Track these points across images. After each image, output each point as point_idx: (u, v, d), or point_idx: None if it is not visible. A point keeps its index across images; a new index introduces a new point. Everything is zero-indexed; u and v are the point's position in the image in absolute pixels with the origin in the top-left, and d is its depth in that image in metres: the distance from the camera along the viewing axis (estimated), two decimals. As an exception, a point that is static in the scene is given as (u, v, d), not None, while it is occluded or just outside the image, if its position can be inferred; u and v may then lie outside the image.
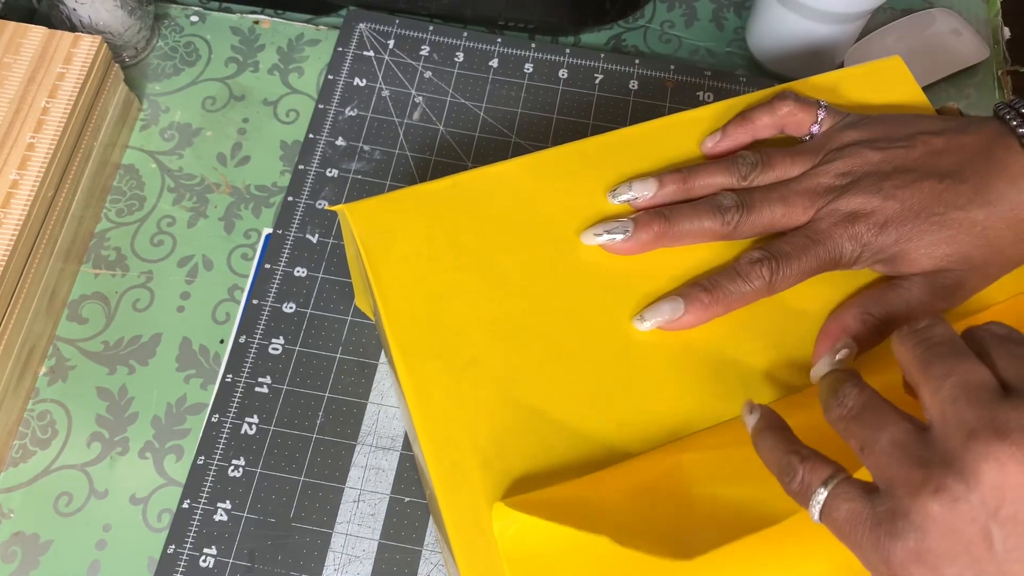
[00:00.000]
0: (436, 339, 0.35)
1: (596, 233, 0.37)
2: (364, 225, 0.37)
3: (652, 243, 0.36)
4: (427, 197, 0.38)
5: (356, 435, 0.44)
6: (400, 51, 0.54)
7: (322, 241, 0.48)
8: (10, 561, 0.42)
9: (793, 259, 0.35)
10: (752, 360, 0.35)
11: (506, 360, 0.34)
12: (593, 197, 0.38)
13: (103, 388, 0.45)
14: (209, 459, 0.43)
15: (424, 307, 0.35)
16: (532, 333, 0.35)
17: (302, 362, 0.45)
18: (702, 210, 0.36)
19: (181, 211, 0.50)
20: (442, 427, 0.33)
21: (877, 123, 0.38)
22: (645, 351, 0.35)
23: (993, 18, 0.57)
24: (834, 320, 0.35)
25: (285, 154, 0.51)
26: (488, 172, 0.38)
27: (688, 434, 0.33)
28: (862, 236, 0.35)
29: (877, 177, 0.35)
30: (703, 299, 0.35)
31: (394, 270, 0.36)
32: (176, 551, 0.42)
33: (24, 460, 0.44)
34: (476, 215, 0.37)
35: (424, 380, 0.34)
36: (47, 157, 0.44)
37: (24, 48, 0.46)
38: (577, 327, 0.35)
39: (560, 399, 0.34)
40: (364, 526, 0.42)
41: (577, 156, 0.39)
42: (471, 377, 0.34)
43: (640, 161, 0.39)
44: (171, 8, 0.55)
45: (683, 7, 0.57)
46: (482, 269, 0.36)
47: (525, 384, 0.34)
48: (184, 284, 0.48)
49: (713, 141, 0.39)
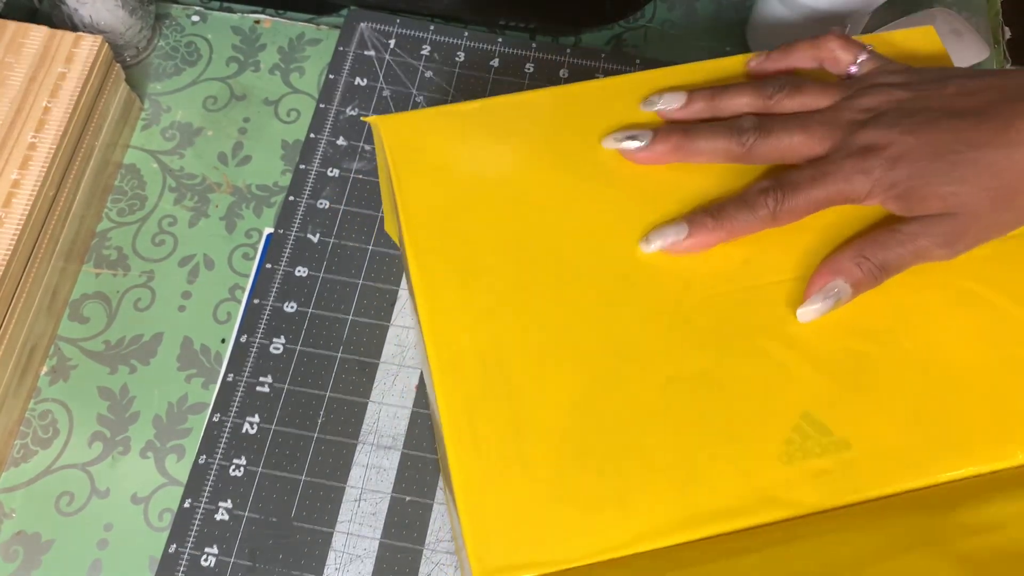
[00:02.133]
0: (451, 247, 0.35)
1: (616, 138, 0.37)
2: (394, 137, 0.38)
3: (668, 155, 0.37)
4: (456, 117, 0.38)
5: (357, 434, 0.44)
6: (401, 51, 0.54)
7: (323, 241, 0.48)
8: (12, 560, 0.42)
9: (801, 190, 0.35)
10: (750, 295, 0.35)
11: (515, 273, 0.35)
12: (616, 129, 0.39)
13: (104, 387, 0.45)
14: (210, 458, 0.43)
15: (443, 217, 0.36)
16: (543, 251, 0.36)
17: (303, 361, 0.45)
18: (719, 129, 0.37)
19: (182, 211, 0.50)
20: (446, 326, 0.34)
21: (916, 71, 0.37)
22: (649, 274, 0.35)
23: (993, 18, 0.57)
24: (829, 262, 0.34)
25: (286, 154, 0.51)
26: (517, 99, 0.39)
27: None
28: (874, 170, 0.34)
29: (899, 114, 0.35)
30: (707, 224, 0.35)
31: (418, 182, 0.37)
32: (177, 550, 0.42)
33: (25, 460, 0.44)
34: (501, 137, 0.38)
35: (435, 282, 0.35)
36: (48, 157, 0.44)
37: (25, 48, 0.46)
38: (587, 249, 0.36)
39: (561, 313, 0.34)
40: (365, 525, 0.42)
41: (606, 90, 0.39)
42: (480, 285, 0.35)
43: None
44: (172, 8, 0.55)
45: (683, 7, 0.57)
46: (502, 187, 0.37)
47: (530, 296, 0.35)
48: (185, 284, 0.48)
49: (756, 61, 0.40)
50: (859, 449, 0.32)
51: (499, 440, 0.32)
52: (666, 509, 0.31)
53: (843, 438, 0.32)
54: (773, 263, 0.36)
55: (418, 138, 0.38)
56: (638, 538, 0.30)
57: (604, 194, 0.37)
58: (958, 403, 0.33)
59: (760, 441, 0.32)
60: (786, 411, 0.33)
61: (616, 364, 0.33)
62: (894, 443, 0.32)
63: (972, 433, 0.33)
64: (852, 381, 0.33)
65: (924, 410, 0.33)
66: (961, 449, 0.32)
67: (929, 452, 0.32)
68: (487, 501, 0.31)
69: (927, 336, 0.34)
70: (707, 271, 0.35)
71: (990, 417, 0.33)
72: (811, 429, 0.32)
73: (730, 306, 0.35)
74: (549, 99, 0.39)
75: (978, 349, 0.34)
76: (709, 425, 0.32)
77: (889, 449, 0.32)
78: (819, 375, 0.33)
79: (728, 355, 0.34)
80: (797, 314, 0.34)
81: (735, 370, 0.33)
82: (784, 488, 0.31)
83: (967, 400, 0.33)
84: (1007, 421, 0.33)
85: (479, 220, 0.36)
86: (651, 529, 0.31)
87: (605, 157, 0.38)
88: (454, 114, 0.39)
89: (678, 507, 0.31)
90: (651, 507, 0.31)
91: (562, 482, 0.31)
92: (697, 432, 0.32)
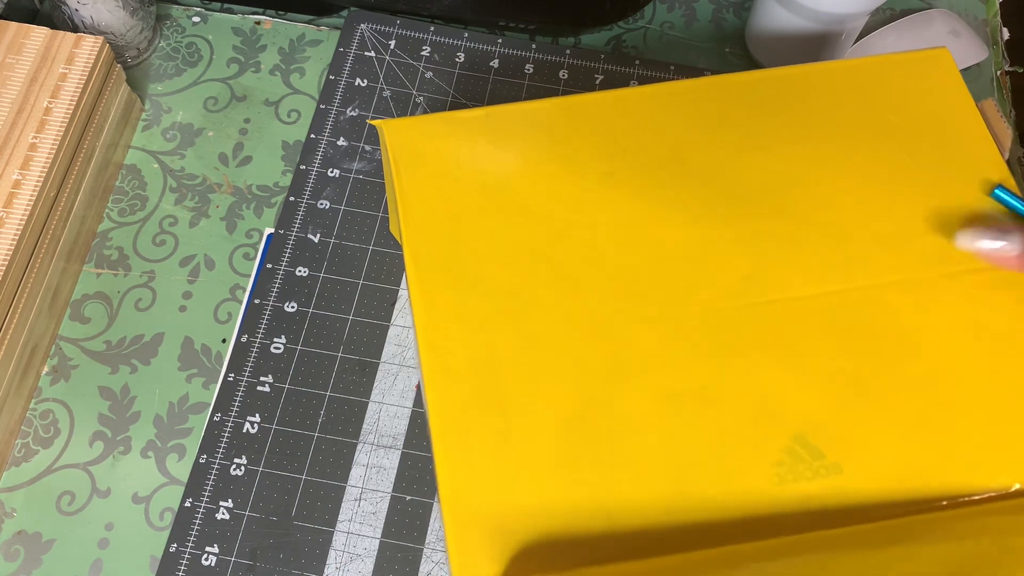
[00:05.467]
0: (450, 253, 0.36)
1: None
2: (398, 141, 0.38)
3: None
4: (461, 123, 0.39)
5: (358, 434, 0.44)
6: (401, 51, 0.54)
7: (324, 241, 0.48)
8: (13, 560, 0.42)
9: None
10: None
11: (512, 282, 0.35)
12: (622, 144, 0.38)
13: (105, 387, 0.45)
14: (211, 458, 0.43)
15: (443, 223, 0.36)
16: (541, 261, 0.36)
17: (304, 361, 0.46)
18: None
19: (183, 211, 0.50)
20: (441, 333, 0.34)
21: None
22: (648, 287, 0.35)
23: (992, 19, 0.57)
24: None
25: (287, 154, 0.52)
26: (522, 108, 0.39)
27: None
28: None
29: None
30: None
31: (420, 187, 0.37)
32: (178, 550, 0.42)
33: (26, 459, 0.44)
34: (505, 146, 0.38)
35: (431, 289, 0.35)
36: (49, 157, 0.44)
37: (26, 49, 0.46)
38: (586, 261, 0.36)
39: (558, 324, 0.34)
40: (366, 524, 0.42)
41: (612, 104, 0.39)
42: (477, 293, 0.35)
43: (677, 114, 0.39)
44: (173, 9, 0.56)
45: (683, 8, 0.57)
46: (503, 196, 0.37)
47: (527, 306, 0.35)
48: (186, 284, 0.48)
49: None
50: (851, 474, 0.32)
51: (488, 449, 0.32)
52: (653, 524, 0.31)
53: (835, 462, 0.32)
54: (775, 280, 0.35)
55: (422, 144, 0.38)
56: (622, 551, 0.30)
57: (604, 206, 0.37)
58: (958, 428, 0.33)
59: (751, 460, 0.32)
60: (779, 432, 0.32)
61: (610, 377, 0.33)
62: (887, 468, 0.32)
63: (970, 458, 0.32)
64: (849, 403, 0.33)
65: (921, 434, 0.33)
66: (957, 474, 0.32)
67: (923, 477, 0.32)
68: (473, 509, 0.31)
69: (929, 360, 0.34)
70: (708, 286, 0.35)
71: (990, 442, 0.33)
72: (804, 452, 0.32)
73: (729, 322, 0.34)
74: (554, 109, 0.39)
75: (981, 375, 0.34)
76: (700, 442, 0.32)
77: (882, 474, 0.32)
78: (815, 396, 0.33)
79: (724, 372, 0.33)
80: (956, 236, 0.35)
81: (730, 387, 0.33)
82: (772, 510, 0.31)
83: (967, 425, 0.33)
84: (1007, 447, 0.33)
85: (479, 228, 0.36)
86: (636, 543, 0.30)
87: (606, 169, 0.38)
88: (459, 121, 0.39)
89: (665, 523, 0.31)
90: (638, 521, 0.31)
91: (549, 493, 0.31)
92: (688, 449, 0.32)
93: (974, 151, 0.38)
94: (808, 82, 0.40)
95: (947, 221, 0.37)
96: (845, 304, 0.35)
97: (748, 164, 0.38)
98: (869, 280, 0.35)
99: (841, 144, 0.39)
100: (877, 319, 0.34)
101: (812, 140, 0.39)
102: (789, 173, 0.38)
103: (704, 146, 0.38)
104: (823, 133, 0.39)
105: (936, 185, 0.38)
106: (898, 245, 0.36)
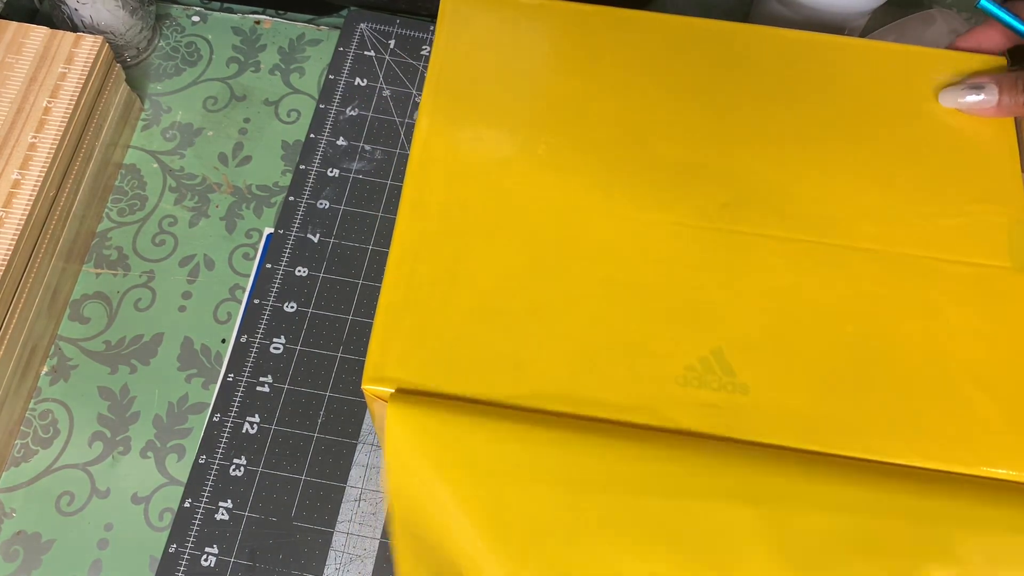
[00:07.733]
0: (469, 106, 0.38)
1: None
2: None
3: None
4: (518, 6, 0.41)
5: (357, 434, 0.44)
6: (401, 51, 0.54)
7: (323, 241, 0.48)
8: (12, 560, 0.42)
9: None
10: None
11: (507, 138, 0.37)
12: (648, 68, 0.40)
13: (105, 387, 0.45)
14: (211, 458, 0.43)
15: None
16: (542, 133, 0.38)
17: (303, 361, 0.45)
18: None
19: (183, 211, 0.50)
20: (427, 174, 0.36)
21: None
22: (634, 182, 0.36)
23: (993, 18, 0.57)
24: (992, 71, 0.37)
25: (286, 154, 0.52)
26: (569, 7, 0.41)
27: None
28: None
29: None
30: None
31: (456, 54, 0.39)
32: (178, 550, 0.42)
33: (26, 459, 0.44)
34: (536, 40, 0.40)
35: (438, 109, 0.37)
36: (49, 157, 0.44)
37: (26, 48, 0.46)
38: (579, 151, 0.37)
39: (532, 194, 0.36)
40: (365, 525, 0.42)
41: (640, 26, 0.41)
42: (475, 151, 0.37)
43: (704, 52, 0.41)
44: (172, 8, 0.55)
45: (682, 9, 0.57)
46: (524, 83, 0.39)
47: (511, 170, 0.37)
48: (186, 284, 0.48)
49: None
50: (755, 397, 0.32)
51: (433, 279, 0.34)
52: (554, 382, 0.32)
53: (743, 383, 0.33)
54: (750, 216, 0.36)
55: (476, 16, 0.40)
56: (517, 397, 0.32)
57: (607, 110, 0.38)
58: (874, 399, 0.33)
59: (665, 356, 0.33)
60: (701, 340, 0.33)
61: (563, 254, 0.35)
62: (792, 406, 0.32)
63: (879, 430, 0.32)
64: (780, 341, 0.34)
65: (839, 389, 0.33)
66: (858, 439, 0.32)
67: (824, 429, 0.32)
68: (401, 322, 0.33)
69: (869, 329, 0.34)
70: (685, 203, 0.36)
71: (907, 418, 0.33)
72: (716, 365, 0.33)
73: (691, 239, 0.35)
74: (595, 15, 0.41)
75: (921, 352, 0.34)
76: (623, 328, 0.34)
77: (785, 409, 0.32)
78: (749, 321, 0.34)
79: (670, 278, 0.34)
80: (939, 95, 0.37)
81: (669, 291, 0.34)
82: (666, 404, 0.32)
83: (883, 399, 0.33)
84: (922, 423, 0.33)
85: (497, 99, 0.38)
86: (533, 393, 0.32)
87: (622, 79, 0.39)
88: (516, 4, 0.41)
89: (566, 384, 0.32)
90: (541, 376, 0.32)
91: (473, 329, 0.33)
92: (609, 330, 0.34)
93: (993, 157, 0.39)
94: (844, 55, 0.41)
95: (945, 210, 0.37)
96: (810, 253, 0.35)
97: (763, 111, 0.39)
98: (842, 241, 0.36)
99: (866, 121, 0.39)
100: (834, 276, 0.35)
101: (830, 107, 0.40)
102: (802, 132, 0.39)
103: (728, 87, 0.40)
104: (847, 105, 0.40)
105: (946, 174, 0.38)
106: (888, 220, 0.37)
